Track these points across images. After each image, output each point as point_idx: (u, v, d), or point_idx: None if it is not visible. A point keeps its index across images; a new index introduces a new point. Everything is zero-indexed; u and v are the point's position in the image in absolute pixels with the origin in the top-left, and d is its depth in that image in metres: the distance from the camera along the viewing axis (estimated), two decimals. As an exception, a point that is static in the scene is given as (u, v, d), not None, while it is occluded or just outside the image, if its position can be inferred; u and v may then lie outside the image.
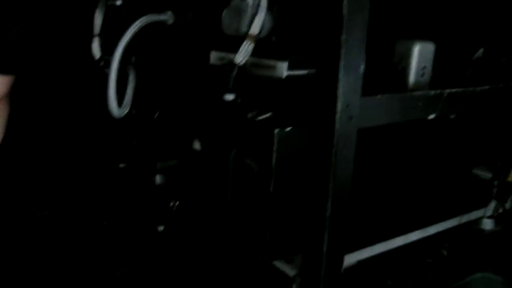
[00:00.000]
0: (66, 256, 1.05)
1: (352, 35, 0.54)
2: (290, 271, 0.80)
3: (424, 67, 0.82)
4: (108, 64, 0.95)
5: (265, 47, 0.73)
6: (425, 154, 0.91)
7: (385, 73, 0.84)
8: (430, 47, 0.83)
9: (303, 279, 0.77)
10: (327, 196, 0.58)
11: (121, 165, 1.13)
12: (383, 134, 0.83)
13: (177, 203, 1.05)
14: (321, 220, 0.61)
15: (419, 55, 0.81)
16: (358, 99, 0.57)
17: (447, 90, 0.67)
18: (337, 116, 0.55)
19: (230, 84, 0.72)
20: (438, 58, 0.84)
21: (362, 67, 0.56)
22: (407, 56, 0.82)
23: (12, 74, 0.81)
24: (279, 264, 0.82)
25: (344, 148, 0.58)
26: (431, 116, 0.66)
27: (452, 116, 0.73)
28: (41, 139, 1.01)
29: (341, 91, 0.54)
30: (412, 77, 0.82)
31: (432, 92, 0.66)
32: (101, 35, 1.03)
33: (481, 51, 0.88)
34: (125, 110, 0.94)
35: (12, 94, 0.87)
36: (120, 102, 0.92)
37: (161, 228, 1.06)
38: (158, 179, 1.06)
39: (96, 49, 1.02)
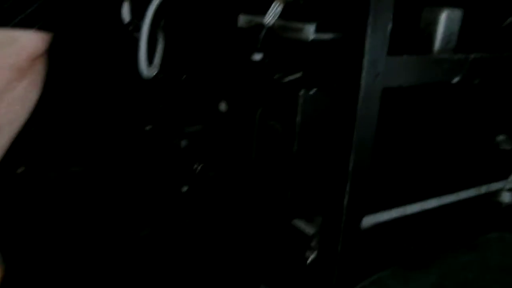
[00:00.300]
0: (91, 214, 1.11)
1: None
2: (310, 230, 0.83)
3: (450, 34, 0.83)
4: (137, 28, 0.98)
5: (293, 9, 0.75)
6: (448, 120, 0.92)
7: (411, 38, 0.84)
8: (457, 14, 0.83)
9: (322, 237, 0.80)
10: (350, 151, 0.61)
11: (147, 128, 1.17)
12: (408, 99, 0.85)
13: (200, 165, 1.09)
14: (343, 175, 0.64)
15: (445, 22, 0.82)
16: (384, 57, 0.58)
17: (473, 55, 0.68)
18: (364, 71, 0.57)
19: (258, 44, 0.74)
20: (467, 25, 0.84)
21: (389, 27, 0.58)
22: (433, 22, 0.82)
23: (51, 31, 0.84)
24: (299, 223, 0.85)
25: (369, 105, 0.60)
26: (455, 80, 0.67)
27: (476, 82, 0.74)
28: (74, 98, 1.05)
29: (368, 47, 0.56)
30: (437, 43, 0.82)
31: (457, 56, 0.67)
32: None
33: (511, 19, 0.88)
34: (154, 71, 0.97)
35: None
36: (149, 64, 0.95)
37: (185, 189, 1.10)
38: (183, 142, 1.10)
39: (126, 13, 1.05)
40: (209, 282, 1.02)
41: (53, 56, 0.88)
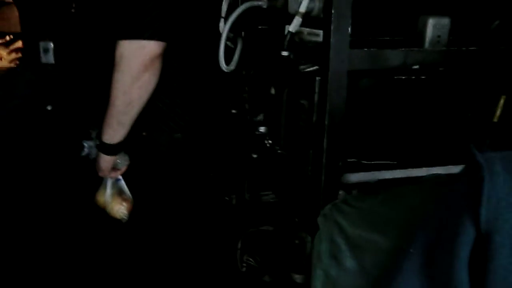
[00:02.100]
0: (187, 171, 1.56)
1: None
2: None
3: (438, 36, 1.08)
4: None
5: (309, 20, 1.08)
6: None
7: (410, 39, 1.11)
8: (444, 20, 1.08)
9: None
10: (325, 115, 0.93)
11: (233, 111, 1.58)
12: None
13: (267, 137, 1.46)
14: (322, 131, 0.96)
15: (433, 27, 1.07)
16: (346, 49, 0.89)
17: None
18: (330, 59, 0.89)
19: (285, 46, 1.09)
20: (456, 31, 1.09)
21: (349, 29, 0.89)
22: (424, 27, 1.09)
23: (166, 41, 1.29)
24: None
25: (338, 84, 0.92)
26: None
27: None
28: (181, 86, 1.51)
29: (332, 43, 0.88)
30: (427, 42, 1.08)
31: (396, 51, 0.94)
32: (225, 17, 1.48)
33: (496, 23, 1.07)
34: (232, 67, 1.37)
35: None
36: (228, 61, 1.36)
37: (255, 155, 1.48)
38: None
39: (221, 26, 1.48)
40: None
41: (165, 57, 1.33)
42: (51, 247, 1.91)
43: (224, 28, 1.30)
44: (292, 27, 1.08)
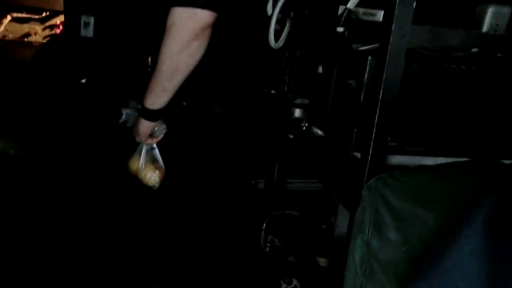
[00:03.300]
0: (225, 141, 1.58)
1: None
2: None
3: (497, 24, 1.08)
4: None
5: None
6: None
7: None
8: (505, 9, 1.08)
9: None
10: (380, 91, 0.93)
11: (273, 91, 1.60)
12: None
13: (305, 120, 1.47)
14: (374, 108, 0.96)
15: (492, 15, 1.07)
16: (409, 24, 0.90)
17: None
18: (392, 33, 0.89)
19: (341, 21, 1.10)
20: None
21: (414, 3, 0.89)
22: (483, 15, 1.09)
23: (218, 12, 1.30)
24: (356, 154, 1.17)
25: (396, 60, 0.92)
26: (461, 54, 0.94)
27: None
28: (224, 59, 1.52)
29: (396, 15, 0.88)
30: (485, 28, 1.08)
31: (463, 33, 0.94)
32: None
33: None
34: (280, 44, 1.38)
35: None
36: (277, 39, 1.37)
37: (291, 136, 1.49)
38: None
39: (269, 7, 1.49)
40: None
41: (214, 29, 1.34)
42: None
43: (277, 4, 1.32)
44: (350, 3, 1.09)
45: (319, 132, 1.41)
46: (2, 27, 3.64)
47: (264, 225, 1.65)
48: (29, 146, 2.43)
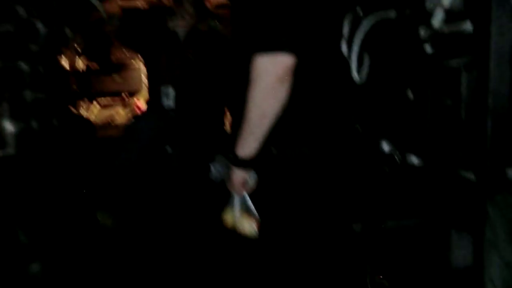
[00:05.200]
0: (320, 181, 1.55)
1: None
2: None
3: None
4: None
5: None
6: None
7: None
8: None
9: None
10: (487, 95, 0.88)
11: (359, 127, 1.57)
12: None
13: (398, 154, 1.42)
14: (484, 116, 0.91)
15: None
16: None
17: None
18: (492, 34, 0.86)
19: (428, 42, 1.09)
20: None
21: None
22: None
23: (298, 54, 1.34)
24: (463, 172, 1.09)
25: (500, 61, 0.88)
26: None
27: None
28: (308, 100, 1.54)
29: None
30: None
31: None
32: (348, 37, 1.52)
33: None
34: (364, 78, 1.38)
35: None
36: (359, 73, 1.37)
37: (387, 170, 1.44)
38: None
39: (344, 47, 1.51)
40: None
41: (296, 72, 1.37)
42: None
43: (355, 41, 1.34)
44: (436, 21, 1.07)
45: (416, 160, 1.35)
46: (92, 114, 3.98)
47: (369, 267, 1.56)
48: (125, 216, 2.54)
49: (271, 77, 1.32)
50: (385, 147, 1.51)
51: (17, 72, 1.71)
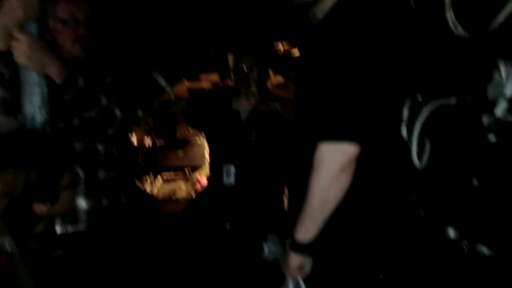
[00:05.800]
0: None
1: None
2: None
3: None
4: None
5: None
6: None
7: None
8: None
9: None
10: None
11: (422, 213, 1.53)
12: None
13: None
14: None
15: None
16: None
17: None
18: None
19: (492, 131, 1.08)
20: None
21: None
22: None
23: (362, 144, 1.35)
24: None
25: None
26: None
27: None
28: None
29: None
30: None
31: None
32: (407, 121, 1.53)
33: None
34: (424, 164, 1.37)
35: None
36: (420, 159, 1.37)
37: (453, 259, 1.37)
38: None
39: (404, 130, 1.51)
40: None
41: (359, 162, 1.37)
42: None
43: (415, 126, 1.35)
44: (499, 111, 1.07)
45: (486, 250, 1.29)
46: (155, 188, 4.15)
47: None
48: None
49: (335, 166, 1.33)
50: (451, 233, 1.45)
51: (94, 153, 1.86)
